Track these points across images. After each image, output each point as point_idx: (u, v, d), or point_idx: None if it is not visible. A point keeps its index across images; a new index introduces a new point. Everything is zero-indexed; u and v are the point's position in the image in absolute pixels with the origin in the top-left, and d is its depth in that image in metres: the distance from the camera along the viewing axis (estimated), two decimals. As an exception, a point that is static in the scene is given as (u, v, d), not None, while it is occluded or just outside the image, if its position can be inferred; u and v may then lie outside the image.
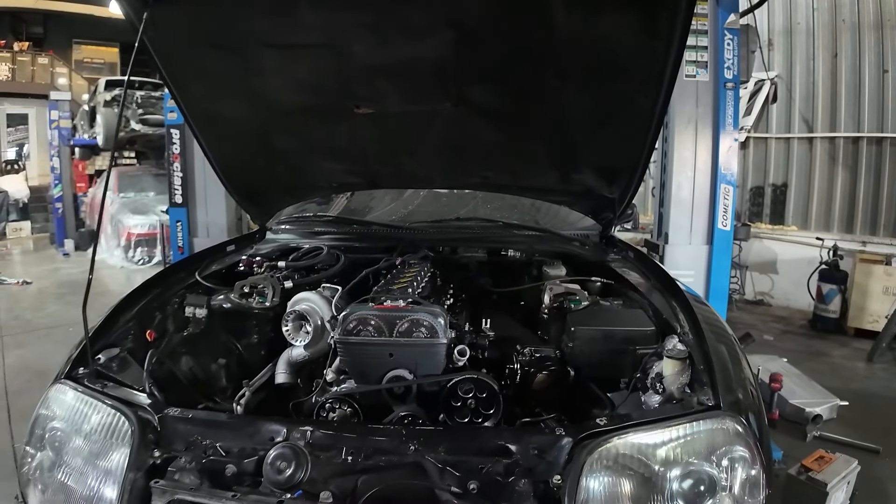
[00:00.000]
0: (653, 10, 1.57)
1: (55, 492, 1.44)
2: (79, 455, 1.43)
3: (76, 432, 1.46)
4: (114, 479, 1.34)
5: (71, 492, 1.41)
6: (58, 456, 1.46)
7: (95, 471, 1.38)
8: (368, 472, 1.28)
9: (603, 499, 1.21)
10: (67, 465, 1.43)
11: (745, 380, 1.56)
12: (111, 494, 1.33)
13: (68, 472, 1.42)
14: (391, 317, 1.71)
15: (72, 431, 1.47)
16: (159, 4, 1.72)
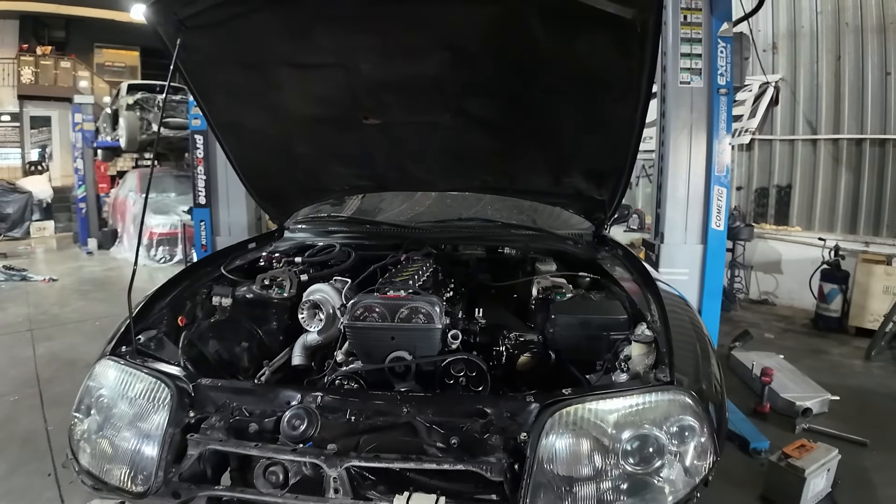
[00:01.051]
0: (623, 33, 1.78)
1: (102, 450, 1.68)
2: (123, 418, 1.66)
3: (121, 399, 1.70)
4: (154, 435, 1.58)
5: (116, 449, 1.65)
6: (104, 420, 1.70)
7: (138, 430, 1.62)
8: (369, 430, 1.52)
9: (561, 453, 1.43)
10: (113, 427, 1.67)
11: (710, 372, 1.74)
12: (151, 448, 1.57)
13: (113, 433, 1.66)
14: (393, 305, 1.94)
15: (116, 398, 1.71)
16: (191, 30, 1.97)
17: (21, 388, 4.82)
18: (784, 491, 3.08)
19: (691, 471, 1.46)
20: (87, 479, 1.66)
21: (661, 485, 1.43)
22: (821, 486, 3.15)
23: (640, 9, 1.70)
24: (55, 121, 19.48)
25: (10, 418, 4.24)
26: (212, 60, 2.18)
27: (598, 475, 1.42)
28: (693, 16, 4.00)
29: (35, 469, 3.53)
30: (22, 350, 5.82)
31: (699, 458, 1.48)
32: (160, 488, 1.52)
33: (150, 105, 11.43)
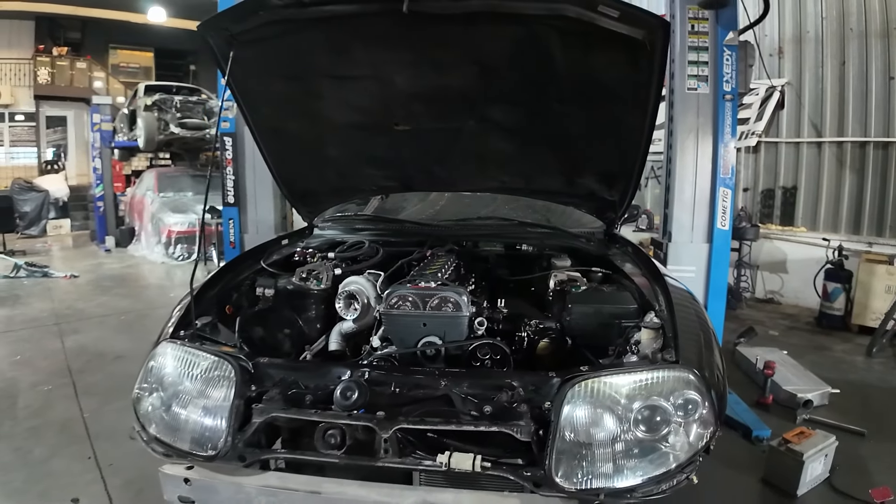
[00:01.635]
0: (634, 51, 1.98)
1: (170, 422, 1.89)
2: (188, 393, 1.88)
3: (185, 376, 1.90)
4: (222, 407, 1.79)
5: (185, 420, 1.86)
6: (170, 395, 1.91)
7: (205, 403, 1.83)
8: (410, 401, 1.73)
9: (580, 420, 1.64)
10: (179, 401, 1.88)
11: (712, 358, 1.93)
12: (219, 418, 1.79)
13: (180, 406, 1.87)
14: (425, 294, 2.15)
15: (181, 376, 1.92)
16: (241, 44, 2.19)
17: (53, 378, 5.00)
18: (784, 474, 3.26)
19: (693, 439, 1.66)
20: (157, 447, 1.86)
21: (667, 450, 1.64)
22: (819, 471, 3.33)
23: (650, 30, 1.90)
24: (70, 121, 19.79)
25: (45, 406, 4.42)
26: (258, 71, 2.39)
27: (612, 440, 1.63)
28: (700, 25, 4.19)
29: (74, 452, 3.71)
30: (50, 343, 6.01)
31: (701, 428, 1.67)
32: (228, 452, 1.73)
33: (167, 106, 11.65)
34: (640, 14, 1.89)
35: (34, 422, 4.16)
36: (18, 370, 5.19)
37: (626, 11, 1.85)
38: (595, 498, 1.57)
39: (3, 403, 4.45)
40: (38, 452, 3.71)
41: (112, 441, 3.81)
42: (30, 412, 4.32)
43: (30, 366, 5.31)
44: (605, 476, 1.60)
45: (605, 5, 1.83)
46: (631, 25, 1.89)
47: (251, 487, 1.65)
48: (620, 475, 1.60)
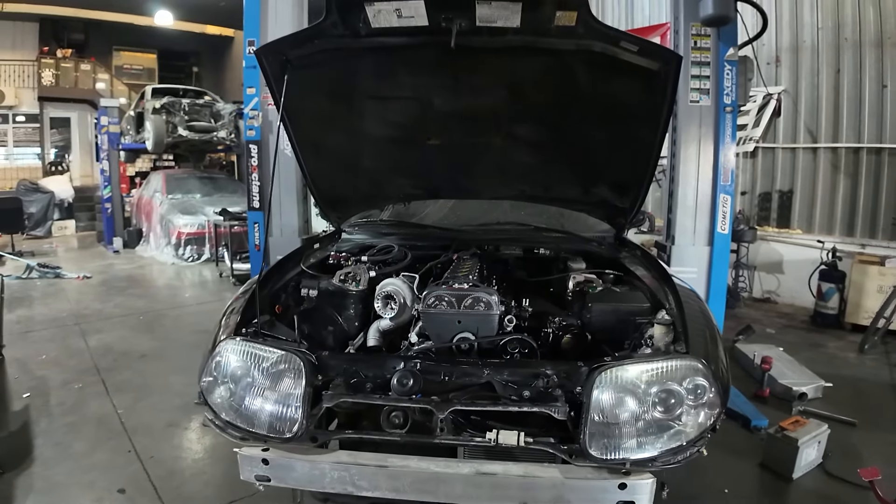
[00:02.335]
0: (650, 79, 2.24)
1: (240, 410, 2.11)
2: (258, 384, 2.10)
3: (253, 370, 2.13)
4: (294, 394, 2.02)
5: (255, 409, 2.09)
6: (239, 387, 2.14)
7: (277, 391, 2.06)
8: (458, 388, 1.98)
9: (606, 403, 1.89)
10: (250, 391, 2.11)
11: (717, 351, 2.18)
12: (293, 404, 2.02)
13: (249, 398, 2.10)
14: (459, 295, 2.40)
15: (247, 370, 2.14)
16: (294, 69, 2.43)
17: (82, 376, 5.17)
18: (780, 459, 3.52)
19: (702, 418, 1.92)
20: (234, 432, 2.09)
21: (680, 427, 1.90)
22: (812, 456, 3.58)
23: (665, 61, 2.17)
24: (74, 122, 19.95)
25: (79, 403, 4.60)
26: (305, 91, 2.63)
27: (634, 419, 1.89)
28: (702, 41, 4.44)
29: (115, 446, 3.90)
30: (75, 342, 6.19)
31: (708, 409, 1.93)
32: (302, 434, 1.97)
33: (175, 109, 11.84)
34: (657, 49, 2.16)
35: (70, 418, 4.33)
36: (47, 369, 5.35)
37: (644, 46, 2.11)
38: (622, 467, 1.83)
39: (37, 401, 4.62)
40: (78, 447, 3.89)
41: (149, 435, 4.04)
42: (64, 409, 4.49)
43: (57, 365, 5.48)
44: (630, 449, 1.86)
45: (627, 41, 2.08)
46: (648, 58, 2.15)
47: (325, 463, 1.89)
48: (642, 448, 1.86)
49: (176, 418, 4.29)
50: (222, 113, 12.27)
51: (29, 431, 4.11)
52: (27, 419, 4.29)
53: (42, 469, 3.59)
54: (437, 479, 1.83)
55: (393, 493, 1.86)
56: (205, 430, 4.05)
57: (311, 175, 3.17)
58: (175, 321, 7.09)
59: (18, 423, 4.23)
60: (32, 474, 3.53)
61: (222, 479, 3.45)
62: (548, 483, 1.80)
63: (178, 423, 4.24)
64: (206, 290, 8.96)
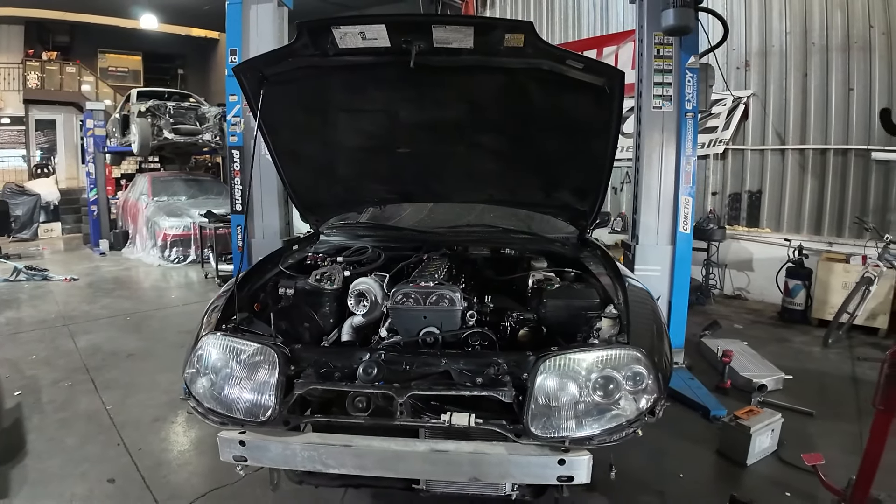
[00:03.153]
0: (596, 93, 2.46)
1: (222, 397, 2.30)
2: (236, 374, 2.30)
3: (232, 360, 2.32)
4: (269, 382, 2.22)
5: (229, 397, 2.28)
6: (219, 377, 2.33)
7: (253, 381, 2.25)
8: (418, 376, 2.18)
9: (550, 387, 2.10)
10: (228, 381, 2.30)
11: (661, 345, 2.39)
12: (267, 391, 2.21)
13: (231, 384, 2.29)
14: (425, 292, 2.60)
15: (227, 361, 2.33)
16: (271, 84, 2.63)
17: (72, 374, 5.31)
18: (734, 446, 3.73)
19: (640, 403, 2.13)
20: (214, 417, 2.29)
21: (619, 411, 2.10)
22: (766, 444, 3.79)
23: (609, 77, 2.38)
24: (60, 124, 20.00)
25: (69, 401, 4.74)
26: (281, 104, 2.83)
27: (575, 402, 2.09)
28: (665, 50, 4.67)
29: (105, 440, 4.05)
30: (64, 342, 6.31)
31: (646, 395, 2.14)
32: (276, 418, 2.17)
33: (161, 112, 11.94)
34: (601, 66, 2.38)
35: (62, 414, 4.48)
36: (37, 369, 5.48)
37: (588, 64, 2.33)
38: (562, 444, 2.03)
39: (29, 399, 4.76)
40: (69, 441, 4.04)
41: (138, 430, 4.20)
42: (56, 406, 4.64)
43: (47, 364, 5.61)
44: (569, 429, 2.07)
45: (572, 59, 2.30)
46: (593, 74, 2.37)
47: (296, 444, 2.08)
48: (581, 428, 2.07)
49: (163, 413, 4.46)
50: (207, 116, 12.38)
51: (21, 427, 4.24)
52: (19, 416, 4.43)
53: (35, 462, 3.74)
54: (396, 456, 2.03)
55: (358, 470, 2.06)
56: (190, 424, 4.24)
57: (290, 181, 3.37)
58: (161, 321, 7.23)
59: (10, 420, 4.36)
60: (26, 467, 3.67)
61: (207, 468, 3.63)
62: (495, 459, 2.00)
63: (164, 417, 4.41)
64: (191, 291, 9.09)
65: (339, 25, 2.27)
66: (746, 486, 3.47)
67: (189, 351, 2.48)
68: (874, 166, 7.18)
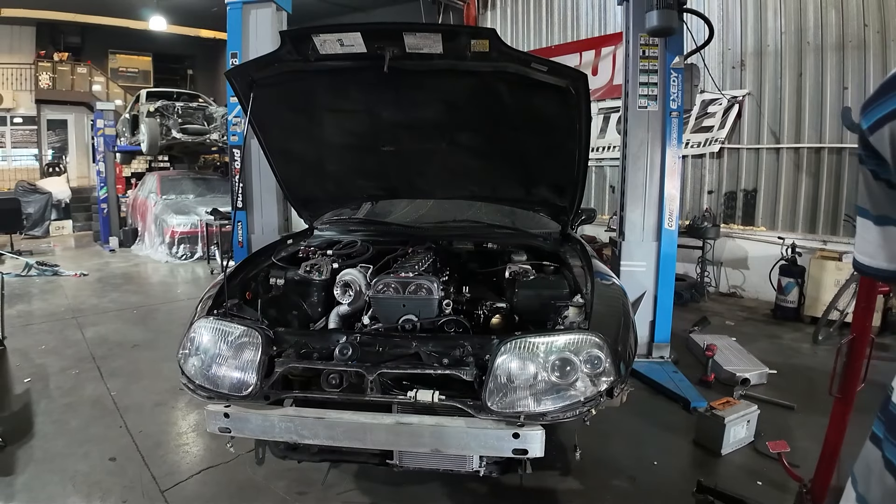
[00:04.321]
0: (562, 94, 2.62)
1: (210, 374, 2.48)
2: (224, 353, 2.47)
3: (221, 341, 2.50)
4: (252, 360, 2.40)
5: (217, 375, 2.46)
6: (209, 356, 2.51)
7: (239, 359, 2.43)
8: (390, 358, 2.35)
9: (510, 367, 2.25)
10: (216, 360, 2.48)
11: (626, 336, 2.53)
12: (250, 369, 2.39)
13: (218, 363, 2.47)
14: (404, 282, 2.77)
15: (217, 341, 2.51)
16: (260, 87, 2.80)
17: (79, 363, 5.53)
18: (710, 436, 3.85)
19: (597, 384, 2.28)
20: (202, 393, 2.47)
21: (575, 392, 2.25)
22: (742, 435, 3.91)
23: (572, 79, 2.54)
24: (71, 124, 20.32)
25: (75, 387, 4.95)
26: (271, 105, 3.01)
27: (532, 382, 2.25)
28: (650, 50, 4.81)
29: (108, 423, 4.25)
30: (72, 334, 6.53)
31: (604, 377, 2.29)
32: (257, 394, 2.34)
33: (169, 112, 12.16)
34: (563, 68, 2.54)
35: (67, 399, 4.69)
36: (46, 357, 5.69)
37: (552, 67, 2.49)
38: (517, 419, 2.19)
39: (37, 385, 4.97)
40: (74, 423, 4.24)
41: (139, 413, 4.40)
42: (62, 392, 4.85)
43: (55, 354, 5.82)
44: (525, 406, 2.22)
45: (537, 63, 2.46)
46: (556, 76, 2.53)
47: (274, 416, 2.26)
48: (537, 405, 2.22)
49: (164, 399, 4.66)
50: (215, 116, 12.59)
51: (29, 411, 4.45)
52: (28, 401, 4.63)
53: (42, 442, 3.94)
54: (363, 427, 2.19)
55: (329, 441, 2.23)
56: (189, 409, 4.45)
57: (283, 178, 3.55)
58: (167, 315, 7.44)
59: (20, 404, 4.58)
60: (33, 447, 3.87)
61: (203, 449, 3.84)
62: (454, 431, 2.16)
63: (165, 403, 4.61)
64: (197, 286, 9.28)
65: (319, 33, 2.46)
66: (718, 474, 3.57)
67: (183, 335, 2.66)
68: (867, 165, 7.25)
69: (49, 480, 3.45)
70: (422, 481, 3.32)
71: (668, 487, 3.45)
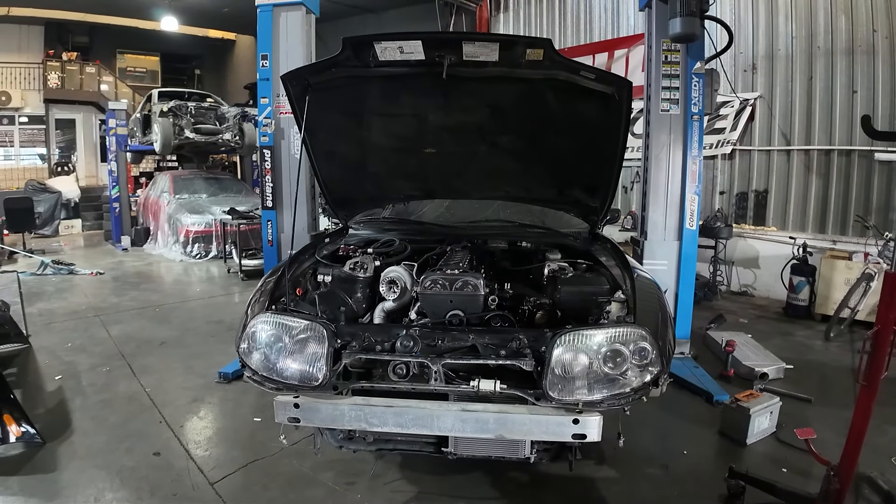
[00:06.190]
0: (607, 100, 2.75)
1: (276, 366, 2.60)
2: (288, 347, 2.60)
3: (284, 336, 2.62)
4: (320, 353, 2.52)
5: (281, 368, 2.59)
6: (272, 350, 2.63)
7: (304, 352, 2.55)
8: (449, 350, 2.48)
9: (565, 359, 2.38)
10: (281, 353, 2.60)
11: (666, 329, 2.65)
12: (318, 361, 2.51)
13: (282, 359, 2.59)
14: (451, 278, 2.89)
15: (279, 336, 2.63)
16: (314, 91, 2.93)
17: (109, 361, 5.62)
18: (735, 426, 3.99)
19: (645, 375, 2.41)
20: (269, 384, 2.60)
21: (625, 381, 2.39)
22: (765, 425, 4.05)
23: (618, 87, 2.68)
24: (79, 123, 20.39)
25: (108, 384, 5.04)
26: (322, 109, 3.13)
27: (587, 372, 2.37)
28: (672, 56, 4.94)
29: (146, 418, 4.35)
30: (97, 332, 6.64)
31: (651, 367, 2.42)
32: (326, 384, 2.47)
33: (182, 112, 12.23)
34: (611, 76, 2.67)
35: (103, 396, 4.78)
36: (74, 355, 5.78)
37: (600, 75, 2.62)
38: (576, 407, 2.32)
39: (69, 383, 5.05)
40: (112, 419, 4.32)
41: (177, 409, 4.51)
42: (96, 389, 4.94)
43: (84, 351, 5.92)
44: (582, 394, 2.35)
45: (586, 71, 2.59)
46: (604, 84, 2.66)
47: (344, 406, 2.39)
48: (592, 394, 2.35)
49: (200, 395, 4.78)
50: (226, 116, 12.67)
51: (65, 408, 4.54)
52: (62, 398, 4.73)
53: (82, 438, 4.02)
54: (432, 415, 2.33)
55: (398, 427, 2.36)
56: (227, 404, 4.57)
57: (324, 179, 3.67)
58: (189, 313, 7.56)
59: (54, 401, 4.66)
60: (74, 443, 3.95)
61: (247, 443, 3.94)
62: (518, 418, 2.29)
63: (202, 398, 4.72)
64: (214, 285, 9.43)
65: (381, 41, 2.58)
66: (745, 461, 3.68)
67: (240, 330, 2.78)
68: (877, 167, 7.39)
69: (95, 476, 3.54)
70: (465, 471, 3.44)
71: (699, 474, 3.59)
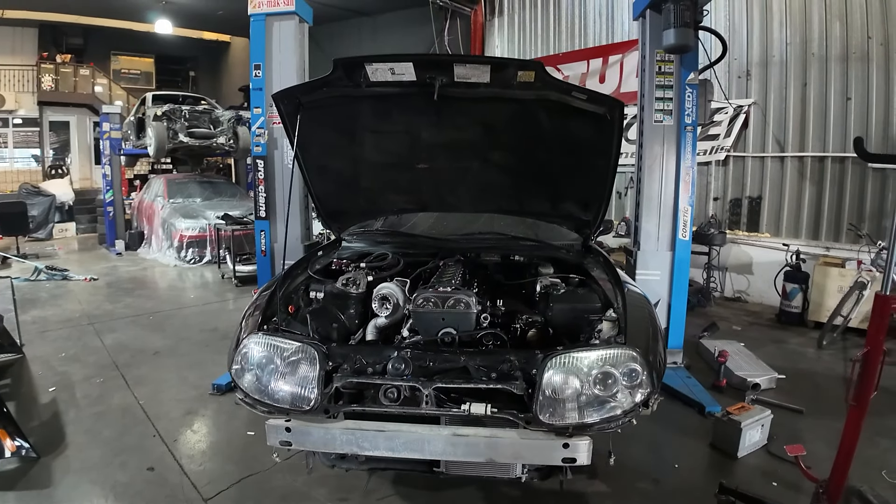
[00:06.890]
0: (599, 120, 2.76)
1: (268, 389, 2.59)
2: (279, 369, 2.59)
3: (275, 358, 2.61)
4: (311, 376, 2.51)
5: (273, 391, 2.58)
6: (264, 372, 2.62)
7: (296, 375, 2.55)
8: (440, 371, 2.48)
9: (556, 382, 2.38)
10: (273, 375, 2.59)
11: (656, 346, 2.66)
12: (309, 384, 2.50)
13: (275, 378, 2.58)
14: (443, 296, 2.89)
15: (270, 358, 2.62)
16: (306, 110, 2.93)
17: (102, 371, 5.57)
18: (726, 439, 4.00)
19: (636, 396, 2.41)
20: (261, 407, 2.59)
21: (616, 403, 2.39)
22: (756, 438, 4.05)
23: (610, 108, 2.68)
24: (73, 126, 20.36)
25: (102, 396, 4.99)
26: (314, 125, 3.13)
27: (577, 395, 2.38)
28: (666, 66, 4.95)
29: (141, 432, 4.32)
30: (91, 340, 6.58)
31: (641, 389, 2.42)
32: (318, 407, 2.47)
33: (176, 116, 12.17)
34: (602, 97, 2.67)
35: (97, 408, 4.74)
36: (68, 365, 5.73)
37: (592, 95, 2.63)
38: (566, 431, 2.33)
39: (63, 394, 5.01)
40: (107, 433, 4.29)
41: (171, 422, 4.48)
42: (90, 401, 4.89)
43: (77, 361, 5.87)
44: (573, 417, 2.36)
45: (577, 91, 2.60)
46: (595, 104, 2.67)
47: (336, 430, 2.39)
48: (583, 417, 2.36)
49: (194, 407, 4.76)
50: (221, 119, 12.63)
51: (59, 421, 4.50)
52: (56, 410, 4.69)
53: (76, 452, 3.99)
54: (423, 439, 2.33)
55: (389, 452, 2.36)
56: (221, 417, 4.55)
57: (317, 193, 3.68)
58: (183, 321, 7.53)
59: (48, 414, 4.63)
60: (68, 457, 3.92)
61: (240, 457, 3.92)
62: (508, 442, 2.30)
63: (196, 411, 4.71)
64: (209, 291, 9.39)
65: (372, 62, 2.59)
66: (736, 475, 3.71)
67: (232, 349, 2.77)
68: (870, 174, 7.42)
69: (90, 491, 3.53)
70: (458, 486, 3.45)
71: (689, 488, 3.60)
